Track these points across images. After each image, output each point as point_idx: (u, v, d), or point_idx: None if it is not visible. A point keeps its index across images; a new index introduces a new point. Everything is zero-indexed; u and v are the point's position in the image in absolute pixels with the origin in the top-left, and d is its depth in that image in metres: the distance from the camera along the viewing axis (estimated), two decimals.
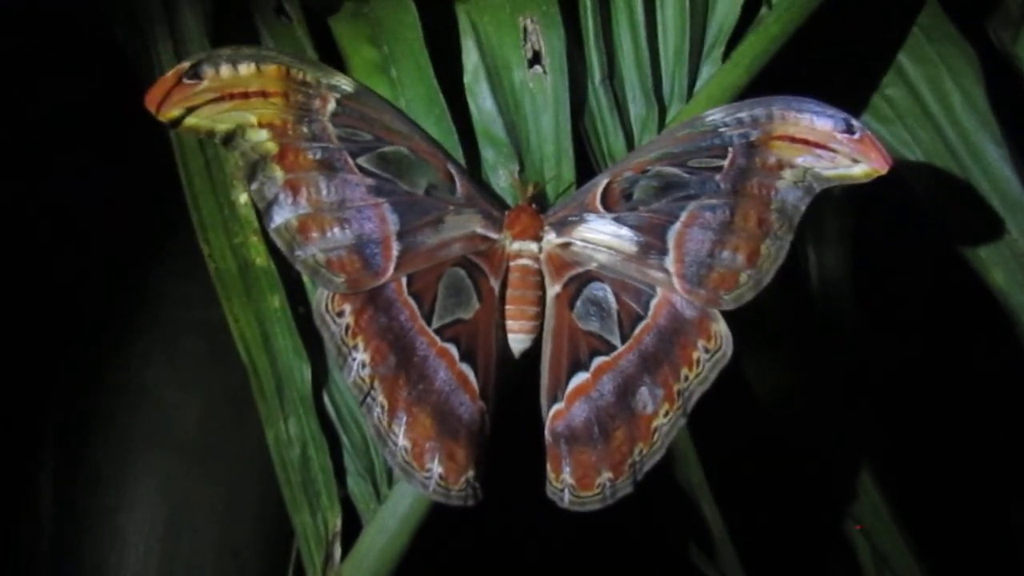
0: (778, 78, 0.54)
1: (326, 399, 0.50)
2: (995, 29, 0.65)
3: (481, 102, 0.48)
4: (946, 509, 0.80)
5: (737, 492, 0.73)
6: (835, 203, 0.73)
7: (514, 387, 0.48)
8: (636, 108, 0.52)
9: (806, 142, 0.43)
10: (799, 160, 0.43)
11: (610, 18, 0.51)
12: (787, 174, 0.44)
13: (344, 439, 0.50)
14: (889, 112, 0.62)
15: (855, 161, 0.42)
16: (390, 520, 0.49)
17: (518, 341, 0.47)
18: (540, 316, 0.47)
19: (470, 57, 0.48)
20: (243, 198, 0.47)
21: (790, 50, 0.54)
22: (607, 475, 0.45)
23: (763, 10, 0.54)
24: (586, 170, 0.50)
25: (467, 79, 0.48)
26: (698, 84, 0.53)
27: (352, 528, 0.49)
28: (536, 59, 0.48)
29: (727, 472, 0.71)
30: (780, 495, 0.80)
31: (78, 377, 0.53)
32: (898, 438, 0.77)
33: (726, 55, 0.53)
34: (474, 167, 0.49)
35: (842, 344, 0.75)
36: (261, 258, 0.48)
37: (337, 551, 0.49)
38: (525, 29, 0.48)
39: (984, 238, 0.59)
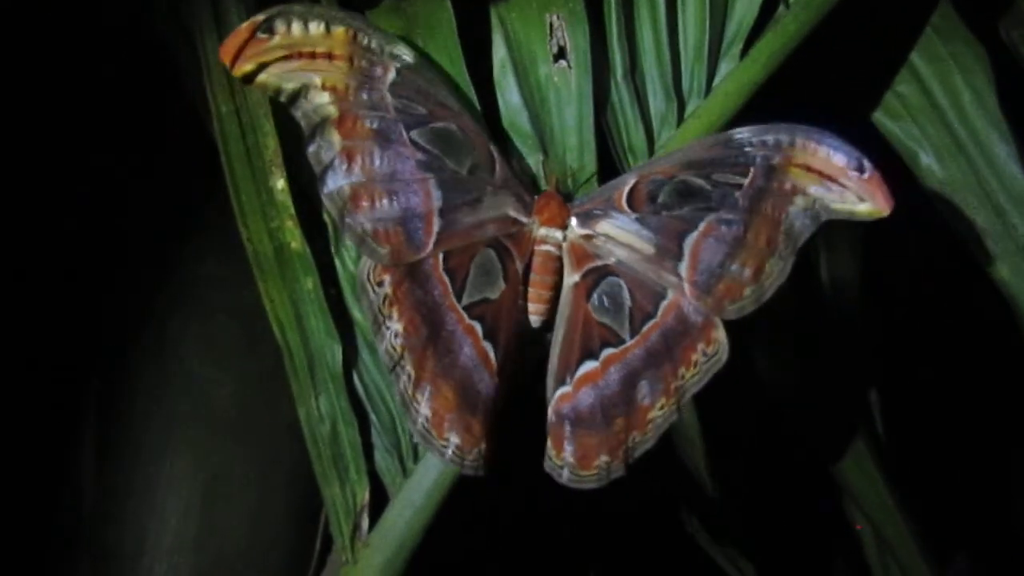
0: (794, 75, 0.55)
1: (355, 378, 0.51)
2: (1007, 28, 0.66)
3: (508, 95, 0.50)
4: (949, 497, 0.81)
5: (743, 477, 0.74)
6: None
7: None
8: (656, 103, 0.53)
9: (821, 173, 0.45)
10: (812, 189, 0.45)
11: (633, 15, 0.53)
12: (799, 200, 0.46)
13: (372, 416, 0.52)
14: (901, 109, 0.64)
15: (861, 199, 0.44)
16: (415, 494, 0.51)
17: (533, 320, 0.49)
18: (553, 301, 0.49)
19: (498, 52, 0.50)
20: (280, 184, 0.49)
21: (806, 47, 0.56)
22: (604, 458, 0.47)
23: (780, 8, 0.55)
24: (607, 162, 0.52)
25: (495, 73, 0.50)
26: (716, 80, 0.54)
27: (379, 501, 0.51)
28: (561, 54, 0.50)
29: (734, 458, 0.73)
30: (786, 481, 0.81)
31: (118, 355, 0.55)
32: (903, 427, 0.79)
33: (744, 52, 0.54)
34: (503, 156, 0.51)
35: (850, 339, 0.77)
36: (296, 242, 0.49)
37: (365, 523, 0.51)
38: (551, 25, 0.50)
39: (991, 233, 0.61)
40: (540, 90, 0.51)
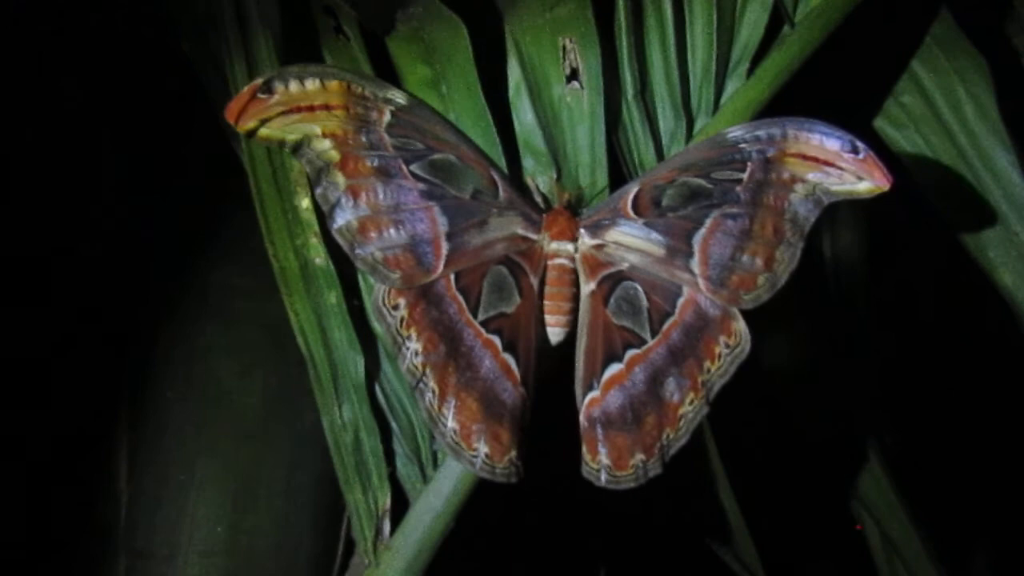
0: (800, 89, 0.57)
1: (377, 388, 0.53)
2: (1010, 36, 0.67)
3: (523, 115, 0.52)
4: (957, 496, 0.82)
5: (752, 480, 0.75)
6: None
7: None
8: (666, 121, 0.55)
9: (816, 160, 0.46)
10: (810, 176, 0.47)
11: (643, 37, 0.54)
12: (799, 188, 0.47)
13: (393, 425, 0.54)
14: (904, 119, 0.65)
15: (860, 178, 0.46)
16: (435, 499, 0.52)
17: (555, 333, 0.51)
18: (574, 311, 0.51)
19: (513, 74, 0.52)
20: (305, 203, 0.51)
21: (811, 60, 0.57)
22: (640, 456, 0.49)
23: (785, 28, 0.57)
24: (619, 179, 0.54)
25: (510, 94, 0.52)
26: (724, 98, 0.56)
27: (400, 506, 0.53)
28: (574, 76, 0.52)
29: (743, 461, 0.74)
30: (793, 482, 0.82)
31: (148, 366, 0.57)
32: (908, 425, 0.80)
33: (750, 71, 0.56)
34: (515, 175, 0.53)
35: (855, 325, 0.78)
36: (320, 258, 0.51)
37: (386, 527, 0.52)
38: (564, 48, 0.51)
39: (993, 239, 0.62)
40: (553, 110, 0.53)
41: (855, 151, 0.46)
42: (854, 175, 0.46)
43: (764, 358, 0.72)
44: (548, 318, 0.51)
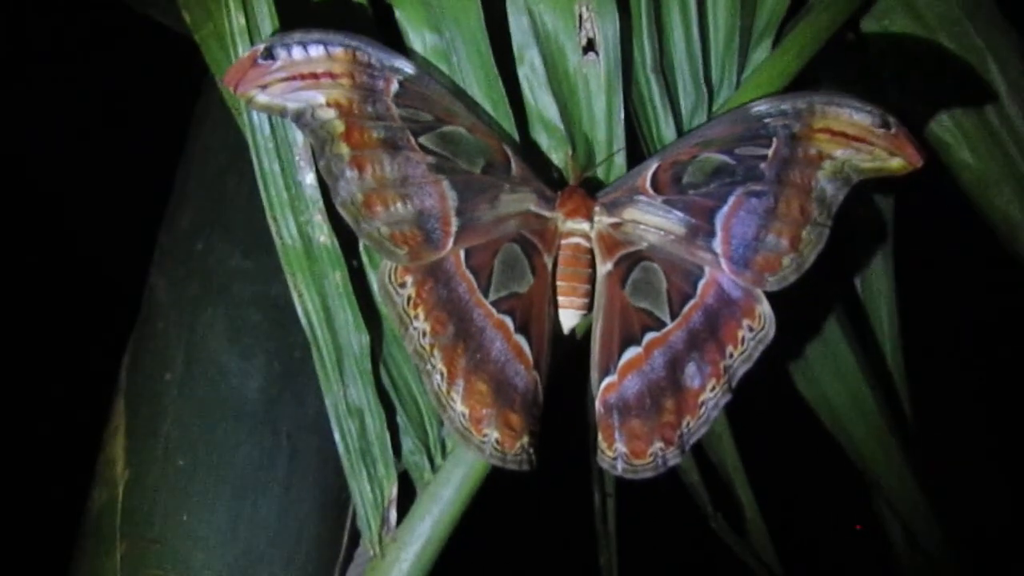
0: (825, 65, 0.55)
1: (383, 372, 0.51)
2: None
3: (536, 88, 0.49)
4: (978, 489, 0.80)
5: (770, 474, 0.74)
6: None
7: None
8: (686, 95, 0.53)
9: (845, 135, 0.44)
10: (838, 152, 0.45)
11: (662, 6, 0.52)
12: (827, 165, 0.45)
13: (400, 410, 0.52)
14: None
15: (891, 155, 0.44)
16: (444, 489, 0.51)
17: (568, 317, 0.49)
18: (590, 293, 0.49)
19: (527, 44, 0.49)
20: (309, 178, 0.49)
21: (842, 31, 0.55)
22: (659, 444, 0.47)
23: None
24: (636, 155, 0.51)
25: (523, 66, 0.49)
26: (747, 71, 0.54)
27: (407, 495, 0.51)
28: (590, 46, 0.49)
29: (760, 454, 0.72)
30: (813, 477, 0.81)
31: (148, 347, 0.56)
32: (930, 417, 0.78)
33: (776, 43, 0.54)
34: (528, 150, 0.50)
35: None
36: (325, 236, 0.49)
37: (393, 516, 0.51)
38: (580, 16, 0.49)
39: None
40: (569, 83, 0.50)
41: (886, 126, 0.43)
42: (885, 152, 0.44)
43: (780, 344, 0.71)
44: (562, 299, 0.49)
